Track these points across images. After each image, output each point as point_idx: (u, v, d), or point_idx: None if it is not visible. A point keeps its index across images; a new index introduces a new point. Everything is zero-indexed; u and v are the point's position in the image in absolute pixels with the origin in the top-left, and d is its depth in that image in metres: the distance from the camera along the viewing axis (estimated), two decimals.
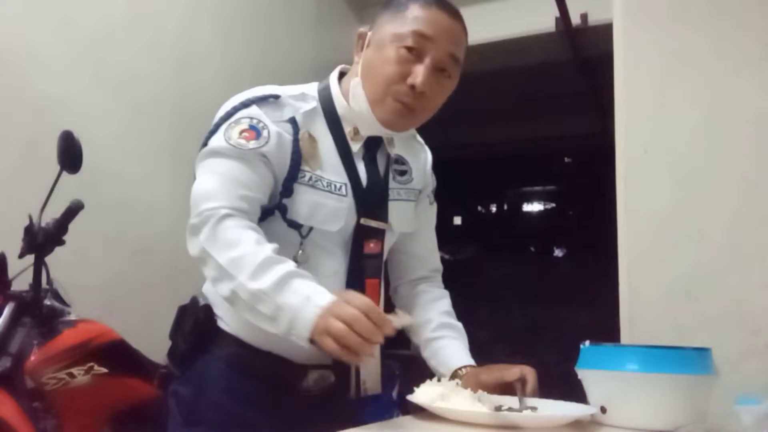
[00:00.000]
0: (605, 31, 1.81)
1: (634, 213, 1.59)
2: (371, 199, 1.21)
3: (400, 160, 1.31)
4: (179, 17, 2.73)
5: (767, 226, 1.45)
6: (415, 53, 1.13)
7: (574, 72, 4.17)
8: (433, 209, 1.42)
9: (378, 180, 1.24)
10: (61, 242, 1.75)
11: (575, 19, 3.39)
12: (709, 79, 1.54)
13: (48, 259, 1.75)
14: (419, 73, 1.13)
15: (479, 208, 6.89)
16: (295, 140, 1.16)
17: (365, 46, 1.20)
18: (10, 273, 1.72)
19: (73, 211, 1.73)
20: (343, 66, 1.30)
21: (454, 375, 1.20)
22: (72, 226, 1.74)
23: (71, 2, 2.31)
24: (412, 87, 1.13)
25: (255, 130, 1.14)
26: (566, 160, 6.54)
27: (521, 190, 6.67)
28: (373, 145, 1.24)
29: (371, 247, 1.21)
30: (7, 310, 1.66)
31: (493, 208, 6.91)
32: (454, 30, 1.17)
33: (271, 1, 3.25)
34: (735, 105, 1.51)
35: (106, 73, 2.41)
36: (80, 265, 2.12)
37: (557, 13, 3.32)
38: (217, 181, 1.11)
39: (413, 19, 1.14)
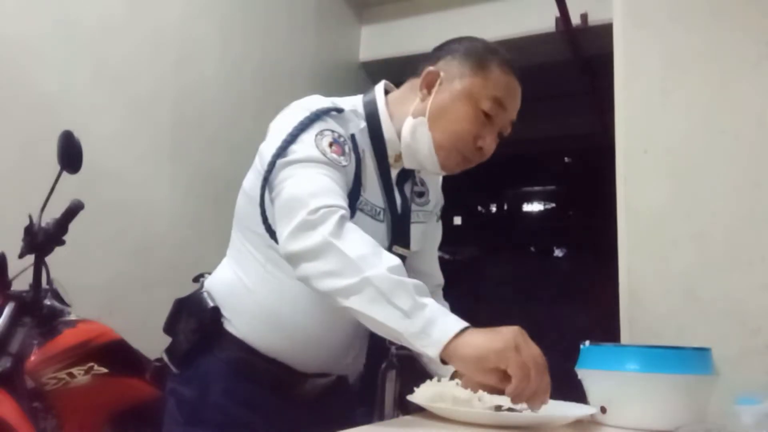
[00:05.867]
0: (605, 31, 1.81)
1: (634, 213, 1.59)
2: (401, 226, 1.23)
3: (419, 182, 1.32)
4: (179, 16, 2.73)
5: (767, 226, 1.45)
6: (489, 118, 1.16)
7: (574, 72, 4.17)
8: (439, 226, 1.42)
9: (407, 206, 1.25)
10: (61, 242, 1.74)
11: (575, 19, 3.40)
12: (708, 78, 1.54)
13: (48, 259, 1.75)
14: (489, 138, 1.17)
15: (479, 208, 6.89)
16: (358, 159, 1.15)
17: (437, 86, 1.18)
18: (10, 273, 1.72)
19: (73, 211, 1.72)
20: (386, 83, 1.28)
21: (454, 374, 1.20)
22: (72, 226, 1.74)
23: (71, 2, 2.31)
24: (480, 149, 1.17)
25: (340, 146, 1.11)
26: (566, 160, 6.54)
27: (521, 190, 6.66)
28: (404, 171, 1.25)
29: None
30: (7, 310, 1.66)
31: (493, 208, 6.91)
32: (520, 98, 1.21)
33: (270, 1, 3.25)
34: (735, 105, 1.51)
35: (105, 72, 2.41)
36: (80, 265, 2.12)
37: (557, 13, 3.33)
38: (325, 182, 1.06)
39: (495, 83, 1.17)
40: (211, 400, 1.15)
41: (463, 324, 0.93)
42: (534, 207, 6.70)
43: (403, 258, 1.22)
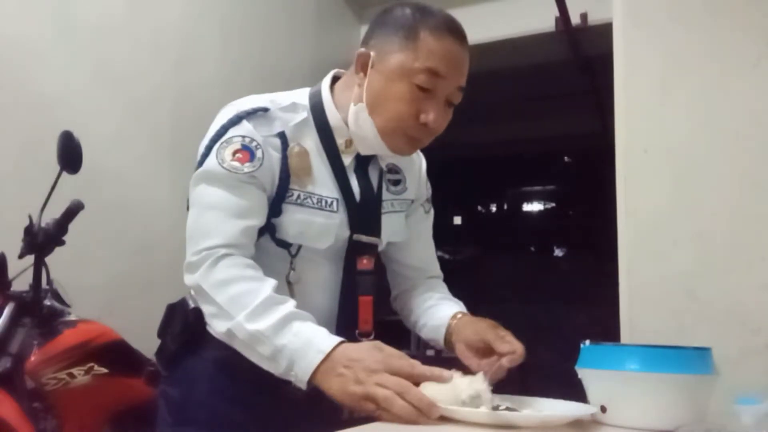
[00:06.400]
0: (605, 31, 1.81)
1: (634, 213, 1.59)
2: (364, 214, 1.20)
3: (393, 169, 1.28)
4: (179, 16, 2.73)
5: (767, 226, 1.45)
6: (427, 91, 1.10)
7: (574, 72, 4.17)
8: (429, 218, 1.39)
9: (371, 193, 1.21)
10: (61, 242, 1.74)
11: (575, 19, 3.40)
12: (708, 78, 1.54)
13: (48, 259, 1.75)
14: (432, 111, 1.10)
15: (479, 208, 6.90)
16: (284, 157, 1.14)
17: (369, 68, 1.14)
18: (10, 273, 1.72)
19: (73, 211, 1.73)
20: (336, 71, 1.26)
21: (451, 320, 1.23)
22: (72, 226, 1.74)
23: (71, 2, 2.31)
24: (425, 125, 1.11)
25: (248, 151, 1.11)
26: (566, 160, 6.55)
27: (521, 190, 6.67)
28: (364, 156, 1.21)
29: (364, 263, 1.19)
30: (7, 310, 1.66)
31: (493, 208, 6.92)
32: (464, 61, 1.14)
33: (270, 1, 3.25)
34: (734, 104, 1.51)
35: (105, 73, 2.41)
36: (80, 265, 2.12)
37: (557, 13, 3.33)
38: (214, 216, 1.09)
39: (426, 53, 1.09)
40: (198, 399, 1.15)
41: (317, 360, 0.97)
42: (534, 207, 6.71)
43: (374, 247, 1.22)
